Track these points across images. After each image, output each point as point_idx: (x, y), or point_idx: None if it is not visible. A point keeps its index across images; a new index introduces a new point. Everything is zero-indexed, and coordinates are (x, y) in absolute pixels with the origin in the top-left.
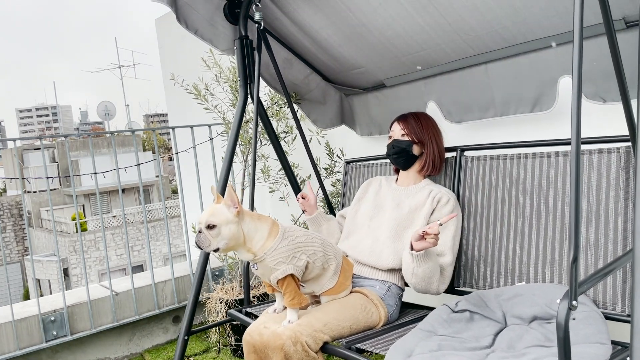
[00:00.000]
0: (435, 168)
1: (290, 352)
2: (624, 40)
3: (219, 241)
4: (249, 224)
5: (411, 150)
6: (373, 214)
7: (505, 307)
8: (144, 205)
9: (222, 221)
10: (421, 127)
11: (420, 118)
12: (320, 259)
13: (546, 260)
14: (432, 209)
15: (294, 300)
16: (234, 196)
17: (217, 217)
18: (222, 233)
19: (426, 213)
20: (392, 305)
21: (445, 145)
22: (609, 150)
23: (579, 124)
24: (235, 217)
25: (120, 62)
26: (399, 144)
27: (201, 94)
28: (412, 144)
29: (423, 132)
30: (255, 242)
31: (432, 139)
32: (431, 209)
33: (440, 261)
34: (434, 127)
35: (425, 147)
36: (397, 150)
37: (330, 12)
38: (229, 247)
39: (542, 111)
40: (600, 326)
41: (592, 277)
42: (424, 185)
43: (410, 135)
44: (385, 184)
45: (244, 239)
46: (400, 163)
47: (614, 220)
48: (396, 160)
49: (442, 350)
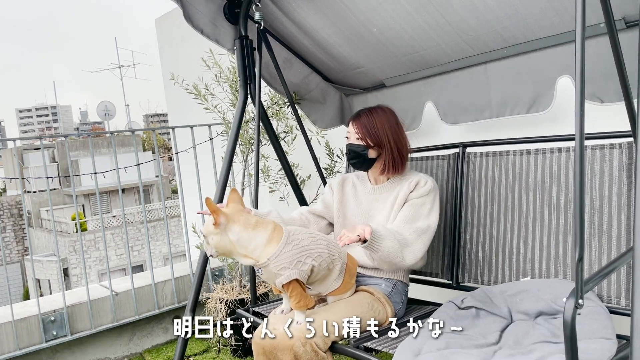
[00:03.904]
0: (396, 169)
1: (299, 352)
2: (624, 40)
3: (210, 249)
4: (239, 234)
5: (367, 154)
6: (365, 220)
7: (511, 302)
8: (144, 205)
9: (207, 232)
10: (376, 127)
11: (374, 116)
12: (325, 260)
13: (550, 256)
14: (410, 191)
15: (300, 303)
16: (213, 208)
17: (205, 228)
18: (210, 243)
19: (403, 197)
20: (398, 302)
21: (444, 142)
22: (611, 145)
23: (582, 124)
24: (215, 229)
25: (120, 62)
26: (355, 148)
27: (201, 94)
28: (368, 147)
29: (378, 133)
30: (252, 250)
31: (389, 140)
32: (409, 191)
33: (403, 236)
34: (391, 125)
35: (382, 149)
36: (353, 156)
37: (330, 12)
38: (221, 253)
39: (538, 112)
40: (605, 321)
41: (596, 275)
42: (400, 178)
43: (364, 139)
44: (360, 186)
45: (234, 247)
46: (358, 167)
47: (617, 215)
48: (354, 165)
49: (449, 348)
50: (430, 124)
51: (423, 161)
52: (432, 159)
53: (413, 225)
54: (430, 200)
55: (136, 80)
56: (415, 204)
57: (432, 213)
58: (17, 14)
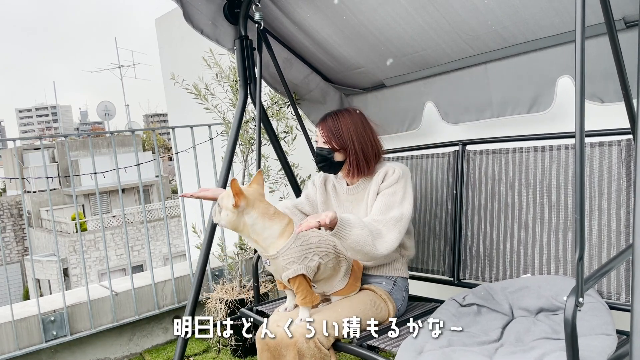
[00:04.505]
0: (360, 172)
1: (303, 349)
2: (623, 40)
3: (220, 219)
4: (256, 220)
5: (333, 157)
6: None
7: (512, 299)
8: (144, 205)
9: (223, 206)
10: (340, 131)
11: (340, 119)
12: (332, 260)
13: (550, 252)
14: (380, 183)
15: (305, 299)
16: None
17: (223, 201)
18: (222, 215)
19: (375, 190)
20: (399, 299)
21: (444, 140)
22: (610, 143)
23: (582, 121)
24: (233, 208)
25: (120, 62)
26: (321, 152)
27: (201, 94)
28: (334, 151)
29: (343, 136)
30: (264, 239)
31: (353, 143)
32: (379, 183)
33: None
34: (356, 128)
35: (348, 152)
36: (320, 160)
37: (330, 12)
38: (229, 228)
39: (539, 112)
40: (605, 317)
41: (596, 273)
42: (371, 174)
43: (329, 142)
44: (339, 186)
45: (247, 230)
46: (327, 171)
47: (617, 212)
48: (322, 169)
49: (452, 346)
50: (430, 124)
51: (423, 159)
52: (432, 157)
53: (387, 215)
54: (401, 188)
55: (136, 80)
56: (386, 194)
57: (405, 200)
58: (17, 14)
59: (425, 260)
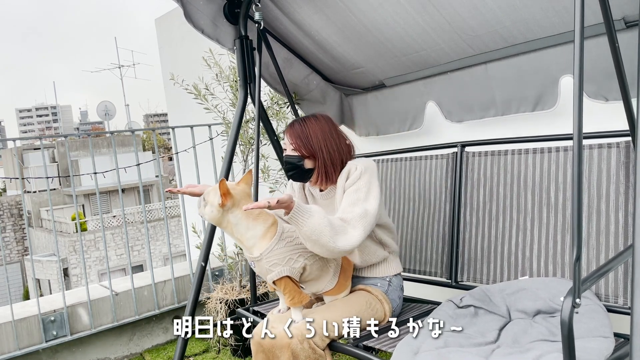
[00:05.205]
0: (329, 179)
1: (297, 350)
2: (623, 40)
3: (203, 213)
4: (240, 220)
5: (303, 165)
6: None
7: (510, 301)
8: (144, 205)
9: (209, 201)
10: (309, 137)
11: (308, 126)
12: (318, 261)
13: (549, 254)
14: (345, 181)
15: (294, 300)
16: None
17: (209, 195)
18: (206, 209)
19: (341, 190)
20: (395, 299)
21: (444, 141)
22: (608, 145)
23: (581, 125)
24: (218, 207)
25: (120, 62)
26: (291, 160)
27: (201, 94)
28: (303, 158)
29: (311, 143)
30: (247, 239)
31: (322, 150)
32: (344, 182)
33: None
34: (324, 134)
35: (316, 159)
36: (289, 168)
37: (330, 12)
38: (213, 223)
39: (544, 110)
40: (603, 319)
41: (594, 274)
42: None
43: (298, 149)
44: (314, 192)
45: (230, 228)
46: (297, 179)
47: (615, 214)
48: (292, 177)
49: (448, 347)
50: (433, 123)
51: (422, 160)
52: (431, 159)
53: (351, 212)
54: (364, 183)
55: (136, 80)
56: (350, 192)
57: (370, 196)
58: (17, 14)
59: (422, 262)
